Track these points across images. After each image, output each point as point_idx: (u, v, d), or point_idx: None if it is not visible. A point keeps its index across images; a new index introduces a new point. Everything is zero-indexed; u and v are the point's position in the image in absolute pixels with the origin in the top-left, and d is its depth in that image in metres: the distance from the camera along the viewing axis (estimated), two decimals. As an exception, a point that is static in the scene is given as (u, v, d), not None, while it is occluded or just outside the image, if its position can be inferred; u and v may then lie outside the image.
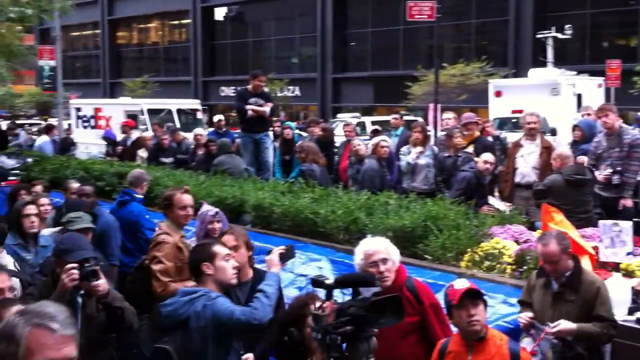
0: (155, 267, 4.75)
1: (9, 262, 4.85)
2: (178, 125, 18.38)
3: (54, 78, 19.71)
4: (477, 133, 9.47)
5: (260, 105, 9.82)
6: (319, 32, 35.29)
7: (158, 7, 42.05)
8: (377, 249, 3.82)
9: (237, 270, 3.79)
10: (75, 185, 7.24)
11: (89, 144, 19.17)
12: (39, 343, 2.02)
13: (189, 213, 5.13)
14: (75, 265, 3.87)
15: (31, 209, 5.64)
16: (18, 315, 2.11)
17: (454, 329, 3.72)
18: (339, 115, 29.43)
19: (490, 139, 10.17)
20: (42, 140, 15.90)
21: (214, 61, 41.51)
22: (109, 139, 15.41)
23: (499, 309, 4.59)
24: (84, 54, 49.27)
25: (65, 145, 16.24)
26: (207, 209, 5.27)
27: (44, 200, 6.48)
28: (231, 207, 7.39)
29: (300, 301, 3.19)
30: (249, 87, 10.06)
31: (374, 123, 19.33)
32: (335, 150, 11.19)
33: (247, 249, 4.35)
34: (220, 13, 41.71)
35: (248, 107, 9.77)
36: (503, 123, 18.03)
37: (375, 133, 11.76)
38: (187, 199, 5.12)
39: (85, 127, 22.77)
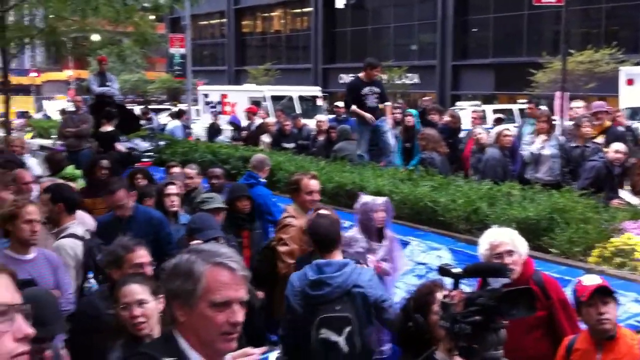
0: (281, 248, 4.94)
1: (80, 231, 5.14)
2: (299, 111, 18.77)
3: (183, 65, 20.69)
4: (608, 123, 9.03)
5: (375, 94, 9.72)
6: (439, 18, 34.66)
7: (281, -4, 43.01)
8: (503, 240, 3.77)
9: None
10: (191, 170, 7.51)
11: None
12: (219, 281, 2.03)
13: (315, 198, 5.27)
14: (200, 243, 4.10)
15: (172, 189, 6.00)
16: (192, 253, 2.12)
17: (582, 326, 3.62)
18: (458, 104, 28.87)
19: (621, 129, 9.66)
20: (173, 124, 16.77)
21: (334, 49, 41.84)
22: (235, 124, 16.00)
23: (630, 308, 4.41)
24: (211, 42, 51.19)
25: (213, 132, 16.93)
26: (370, 199, 5.23)
27: (178, 181, 6.86)
28: (351, 193, 7.50)
29: (427, 288, 3.22)
30: (362, 75, 9.91)
31: (495, 112, 18.83)
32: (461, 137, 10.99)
33: None
34: (340, 1, 41.90)
35: (353, 108, 9.78)
36: (635, 113, 17.05)
37: (498, 121, 11.47)
38: (314, 184, 5.28)
39: (212, 113, 23.78)
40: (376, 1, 39.83)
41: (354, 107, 9.71)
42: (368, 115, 9.54)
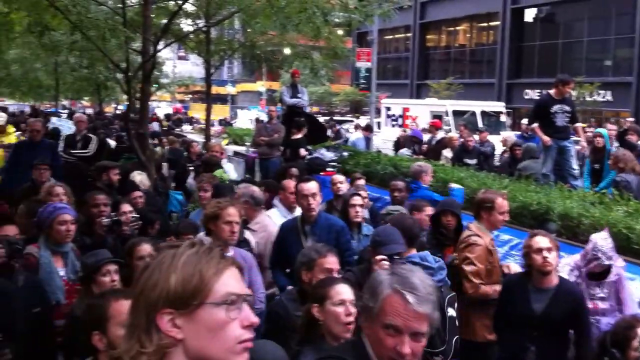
0: (467, 268, 4.89)
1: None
2: (481, 126, 18.44)
3: (368, 79, 21.13)
4: None
5: (565, 112, 9.34)
6: (637, 32, 32.23)
7: (468, 10, 42.31)
8: None
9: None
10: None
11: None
12: (393, 307, 2.12)
13: (506, 218, 5.19)
14: (385, 257, 4.17)
15: (357, 200, 6.18)
16: (389, 273, 2.25)
17: None
18: (658, 124, 26.58)
19: None
20: (356, 136, 17.22)
21: (520, 63, 40.44)
22: (416, 138, 16.09)
23: None
24: (395, 56, 51.73)
25: (400, 145, 16.87)
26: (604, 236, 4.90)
27: (363, 193, 7.06)
28: (535, 213, 7.27)
29: (626, 322, 3.07)
30: (552, 92, 9.52)
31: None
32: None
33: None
34: (530, 14, 40.47)
35: (534, 125, 9.49)
36: None
37: None
38: (506, 204, 5.20)
39: (393, 126, 24.04)
40: (569, 14, 37.92)
41: (535, 125, 9.45)
42: (545, 138, 9.24)
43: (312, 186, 5.63)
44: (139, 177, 7.92)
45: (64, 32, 11.08)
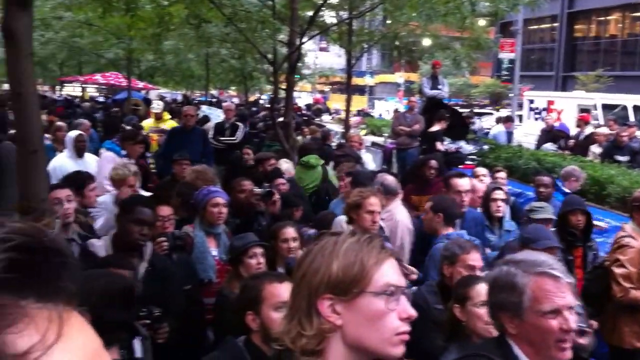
0: (617, 270, 4.67)
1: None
2: (632, 121, 17.30)
3: (511, 70, 20.50)
4: None
5: None
6: None
7: (621, -2, 39.80)
8: None
9: None
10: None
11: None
12: (544, 290, 2.07)
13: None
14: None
15: (499, 194, 6.06)
16: (510, 265, 2.19)
17: None
18: None
19: None
20: (498, 129, 16.75)
21: (679, 54, 37.48)
22: (562, 132, 15.38)
23: None
24: (539, 46, 49.59)
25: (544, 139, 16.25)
26: None
27: (505, 187, 6.89)
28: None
29: None
30: None
31: None
32: None
33: None
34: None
35: None
36: None
37: None
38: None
39: (536, 119, 23.11)
40: None
41: None
42: None
43: (465, 182, 5.69)
44: (285, 165, 8.19)
45: (216, 24, 11.67)
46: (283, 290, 2.84)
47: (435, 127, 11.81)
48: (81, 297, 0.67)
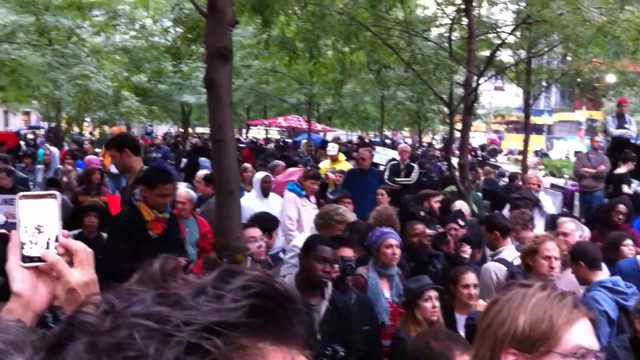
0: None
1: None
2: None
3: None
4: None
5: None
6: None
7: None
8: None
9: None
10: None
11: None
12: None
13: None
14: None
15: None
16: None
17: None
18: None
19: None
20: None
21: None
22: None
23: None
24: None
25: None
26: None
27: None
28: None
29: None
30: None
31: None
32: None
33: None
34: None
35: None
36: None
37: None
38: None
39: None
40: None
41: None
42: None
43: None
44: (460, 206, 8.15)
45: (393, 67, 12.00)
46: None
47: (622, 169, 11.17)
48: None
